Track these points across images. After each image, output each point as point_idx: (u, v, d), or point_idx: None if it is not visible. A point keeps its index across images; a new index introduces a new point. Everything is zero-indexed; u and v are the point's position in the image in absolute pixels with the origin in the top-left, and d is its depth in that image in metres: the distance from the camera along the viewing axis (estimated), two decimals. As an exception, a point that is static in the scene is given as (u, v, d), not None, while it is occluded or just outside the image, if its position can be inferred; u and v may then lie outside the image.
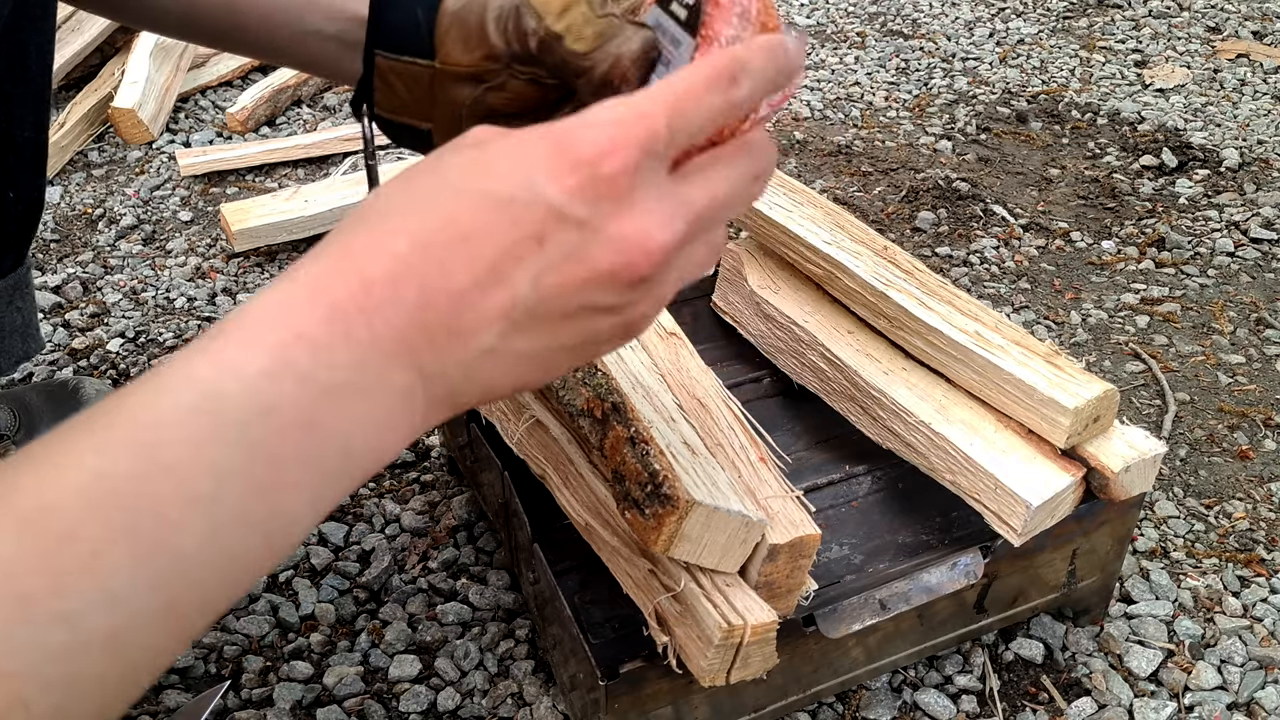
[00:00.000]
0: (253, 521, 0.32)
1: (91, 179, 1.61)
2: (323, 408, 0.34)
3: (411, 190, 0.39)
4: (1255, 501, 1.06)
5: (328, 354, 0.34)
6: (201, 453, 0.31)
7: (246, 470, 0.32)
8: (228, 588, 0.33)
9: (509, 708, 0.84)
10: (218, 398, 0.32)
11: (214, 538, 0.31)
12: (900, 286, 0.86)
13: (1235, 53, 2.05)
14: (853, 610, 0.75)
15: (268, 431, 0.33)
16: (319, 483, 0.34)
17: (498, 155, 0.38)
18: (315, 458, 0.34)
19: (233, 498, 0.32)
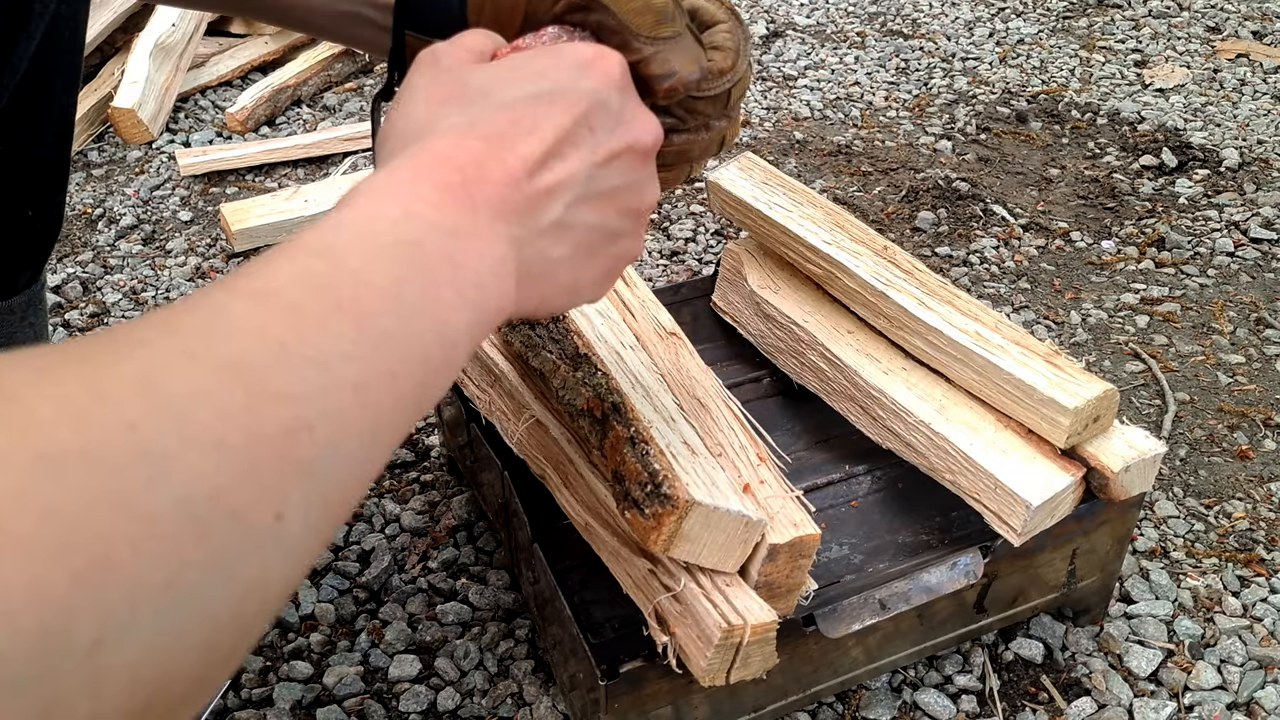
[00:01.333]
0: (427, 324, 0.38)
1: (91, 179, 1.61)
2: (454, 247, 0.40)
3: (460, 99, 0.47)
4: (1255, 501, 1.06)
5: (445, 212, 0.41)
6: (377, 262, 0.37)
7: (412, 278, 0.38)
8: (422, 383, 0.38)
9: (509, 708, 0.84)
10: (371, 232, 0.38)
11: (404, 325, 0.37)
12: (900, 286, 0.86)
13: (1235, 53, 2.05)
14: (853, 610, 0.75)
15: (418, 255, 0.39)
16: (468, 308, 0.40)
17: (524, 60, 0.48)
18: (458, 282, 0.40)
19: (408, 297, 0.38)
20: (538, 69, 0.48)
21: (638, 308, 0.84)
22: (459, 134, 0.44)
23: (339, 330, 0.35)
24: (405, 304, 0.38)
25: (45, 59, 0.70)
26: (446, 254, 0.40)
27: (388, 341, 0.36)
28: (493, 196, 0.43)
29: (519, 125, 0.45)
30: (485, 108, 0.46)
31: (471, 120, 0.45)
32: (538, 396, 0.81)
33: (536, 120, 0.45)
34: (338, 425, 0.34)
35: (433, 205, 0.41)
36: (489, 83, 0.48)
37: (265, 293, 0.34)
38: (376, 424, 0.36)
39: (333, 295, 0.35)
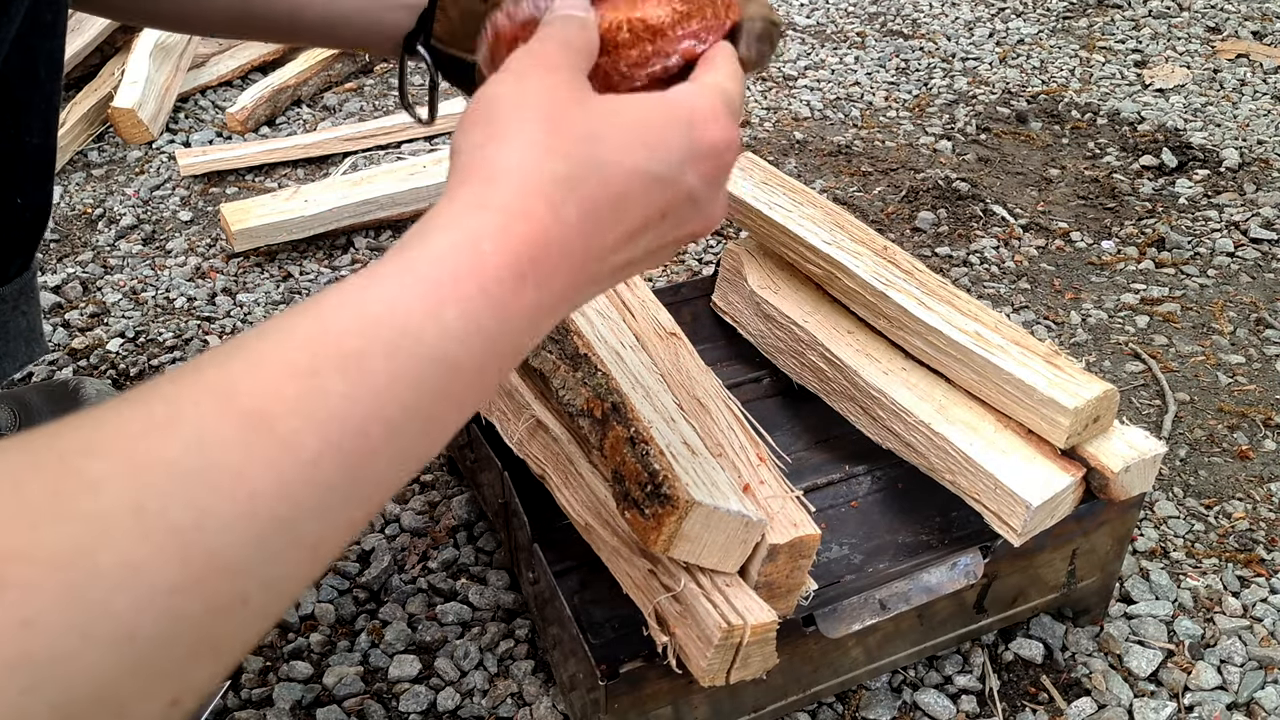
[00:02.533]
0: (415, 450, 0.36)
1: (91, 179, 1.61)
2: (492, 361, 0.38)
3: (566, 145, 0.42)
4: (1255, 501, 1.06)
5: (507, 316, 0.38)
6: (401, 387, 0.34)
7: (427, 408, 0.35)
8: (384, 502, 0.35)
9: (509, 708, 0.84)
10: (418, 340, 0.35)
11: (391, 462, 0.34)
12: (900, 286, 0.86)
13: (1235, 53, 2.05)
14: (853, 610, 0.75)
15: (450, 378, 0.36)
16: (463, 418, 0.38)
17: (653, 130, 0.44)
18: (466, 400, 0.38)
19: (411, 429, 0.35)
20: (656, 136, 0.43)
21: (638, 308, 0.84)
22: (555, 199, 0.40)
23: (326, 480, 0.31)
24: (405, 437, 0.35)
25: (28, 44, 0.70)
26: (479, 368, 0.37)
27: (368, 489, 0.34)
28: (561, 286, 0.40)
29: (618, 206, 0.42)
30: (588, 172, 0.41)
31: (571, 183, 0.40)
32: (538, 396, 0.81)
33: (633, 204, 0.42)
34: (277, 592, 0.31)
35: (497, 307, 0.37)
36: (597, 133, 0.42)
37: (262, 418, 0.31)
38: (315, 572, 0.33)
39: (337, 429, 0.32)
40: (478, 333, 0.36)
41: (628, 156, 0.42)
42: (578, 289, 0.42)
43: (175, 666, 0.28)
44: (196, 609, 0.28)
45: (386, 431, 0.33)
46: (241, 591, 0.29)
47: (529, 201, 0.39)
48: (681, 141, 0.44)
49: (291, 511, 0.30)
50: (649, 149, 0.43)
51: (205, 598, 0.28)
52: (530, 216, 0.39)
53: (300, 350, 0.33)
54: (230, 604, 0.29)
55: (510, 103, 0.43)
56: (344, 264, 1.42)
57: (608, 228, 0.42)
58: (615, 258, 0.43)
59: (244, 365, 0.32)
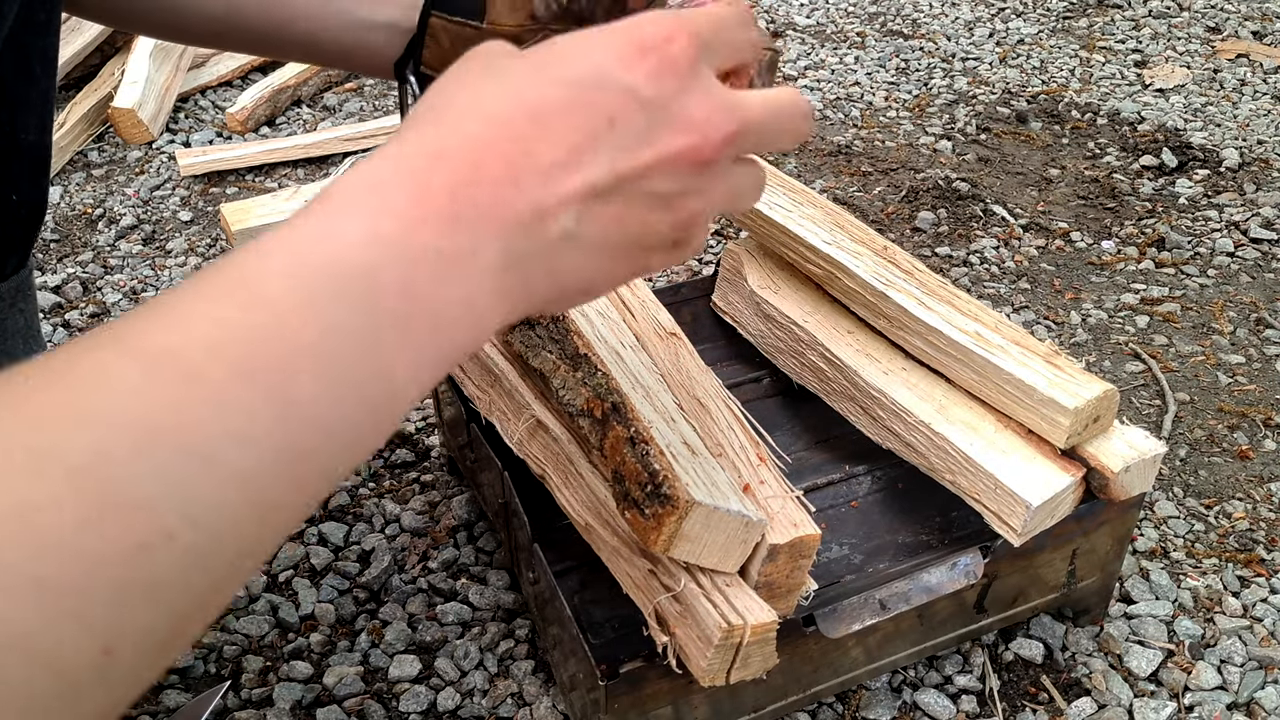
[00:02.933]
0: (359, 380, 0.34)
1: (91, 179, 1.61)
2: (415, 274, 0.35)
3: (474, 86, 0.40)
4: (1255, 501, 1.06)
5: (417, 227, 0.35)
6: (310, 307, 0.32)
7: (350, 326, 0.33)
8: (342, 450, 0.34)
9: (509, 708, 0.84)
10: (321, 258, 0.34)
11: (328, 390, 0.32)
12: (900, 286, 0.86)
13: (1235, 53, 2.05)
14: (853, 610, 0.75)
15: (366, 292, 0.34)
16: (416, 351, 0.35)
17: (566, 47, 0.40)
18: (412, 324, 0.35)
19: (341, 352, 0.33)
20: (579, 52, 0.40)
21: (638, 308, 0.84)
22: (463, 118, 0.38)
23: (240, 404, 0.30)
24: (336, 360, 0.33)
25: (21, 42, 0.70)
26: (403, 286, 0.35)
27: (301, 412, 0.32)
28: (484, 203, 0.37)
29: (537, 120, 0.38)
30: (504, 92, 0.39)
31: (482, 104, 0.39)
32: (538, 396, 0.81)
33: (556, 116, 0.38)
34: (209, 528, 0.29)
35: (403, 218, 0.35)
36: (522, 66, 0.40)
37: (163, 354, 0.30)
38: (264, 514, 0.31)
39: (244, 355, 0.31)
40: (386, 246, 0.34)
41: (544, 70, 0.39)
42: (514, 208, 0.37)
43: (100, 611, 0.27)
44: (110, 547, 0.27)
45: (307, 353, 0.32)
46: (161, 526, 0.28)
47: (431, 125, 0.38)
48: (600, 46, 0.40)
49: (203, 442, 0.29)
50: (565, 58, 0.40)
51: (119, 534, 0.27)
52: (429, 136, 0.38)
53: (204, 291, 0.32)
54: (151, 539, 0.28)
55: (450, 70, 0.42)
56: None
57: (531, 139, 0.38)
58: (565, 177, 0.38)
59: (148, 315, 0.32)
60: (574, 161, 0.38)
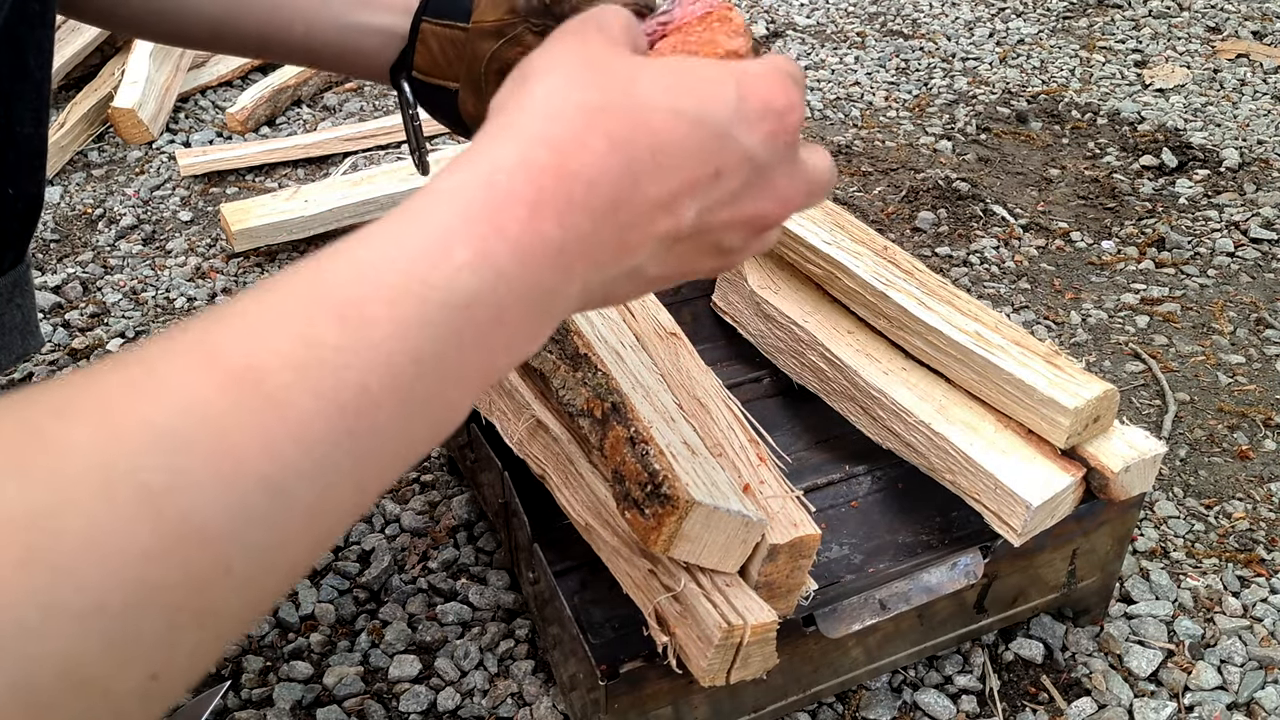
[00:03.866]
0: (434, 408, 0.33)
1: (91, 179, 1.61)
2: (512, 307, 0.34)
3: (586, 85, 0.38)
4: (1255, 501, 1.06)
5: (526, 255, 0.34)
6: (407, 335, 0.31)
7: (441, 357, 0.32)
8: (397, 470, 0.33)
9: (509, 708, 0.84)
10: (424, 283, 0.32)
11: (403, 419, 0.32)
12: (900, 286, 0.86)
13: (1235, 53, 2.05)
14: (853, 610, 0.75)
15: (464, 323, 0.33)
16: (485, 375, 0.35)
17: (696, 78, 0.39)
18: (492, 351, 0.34)
19: (425, 382, 0.32)
20: (709, 89, 0.39)
21: (638, 308, 0.84)
22: (582, 127, 0.36)
23: (322, 440, 0.29)
24: (418, 390, 0.32)
25: (16, 33, 0.70)
26: (496, 316, 0.34)
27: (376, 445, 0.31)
28: (586, 233, 0.36)
29: (656, 154, 0.37)
30: (626, 108, 0.37)
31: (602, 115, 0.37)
32: (538, 396, 0.81)
33: (676, 153, 0.38)
34: (266, 560, 0.29)
35: (513, 244, 0.34)
36: (636, 75, 0.39)
37: (249, 373, 0.29)
38: (319, 541, 0.31)
39: (333, 384, 0.30)
40: (494, 274, 0.33)
41: (668, 98, 0.38)
42: (607, 244, 0.37)
43: (152, 638, 0.26)
44: (173, 577, 0.26)
45: (392, 384, 0.31)
46: (223, 559, 0.27)
47: (551, 126, 0.36)
48: (729, 95, 0.39)
49: (280, 473, 0.28)
50: (694, 94, 0.38)
51: (182, 565, 0.26)
52: (551, 142, 0.35)
53: (293, 303, 0.31)
54: (211, 572, 0.27)
55: (543, 57, 0.40)
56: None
57: (644, 173, 0.37)
58: (658, 220, 0.38)
59: (232, 322, 0.30)
60: (672, 205, 0.38)
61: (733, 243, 0.42)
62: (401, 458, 0.33)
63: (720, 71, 0.40)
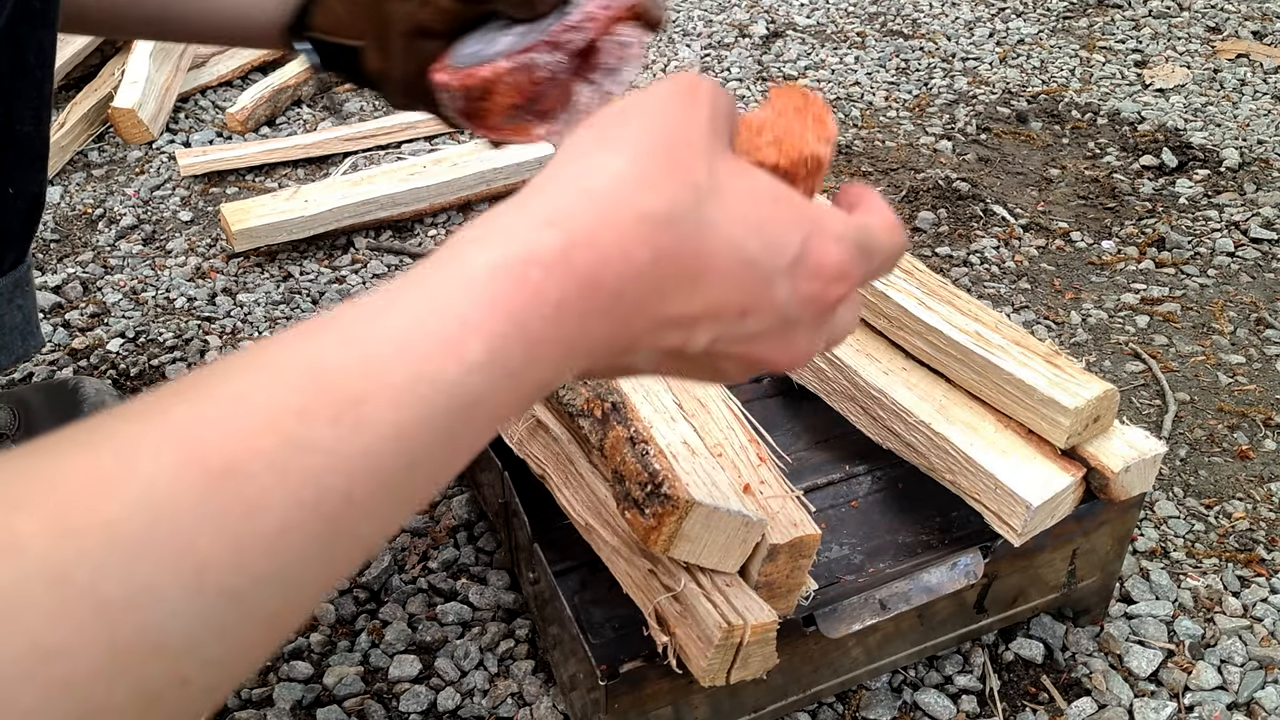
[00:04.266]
0: (413, 503, 0.32)
1: (91, 179, 1.61)
2: (510, 403, 0.33)
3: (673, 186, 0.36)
4: (1255, 501, 1.06)
5: (538, 353, 0.33)
6: (403, 438, 0.30)
7: (433, 459, 0.31)
8: (362, 560, 0.31)
9: (509, 708, 0.84)
10: (432, 385, 0.30)
11: (382, 518, 0.30)
12: (900, 286, 0.86)
13: (1235, 53, 2.05)
14: (853, 610, 0.75)
15: (464, 425, 0.32)
16: (464, 463, 0.34)
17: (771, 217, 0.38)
18: (476, 442, 0.33)
19: (413, 485, 0.31)
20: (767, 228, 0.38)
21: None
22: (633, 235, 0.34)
23: (293, 545, 0.27)
24: (404, 490, 0.30)
25: (18, 33, 0.70)
26: (493, 415, 0.32)
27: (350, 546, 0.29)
28: (599, 335, 0.35)
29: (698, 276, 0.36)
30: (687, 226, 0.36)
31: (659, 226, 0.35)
32: (538, 396, 0.81)
33: (715, 282, 0.37)
34: (224, 667, 0.27)
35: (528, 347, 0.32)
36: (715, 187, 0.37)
37: (229, 476, 0.27)
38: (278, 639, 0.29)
39: (315, 491, 0.28)
40: (503, 372, 0.32)
41: (733, 229, 0.37)
42: (614, 345, 0.36)
43: None
44: (122, 696, 0.24)
45: (378, 490, 0.29)
46: (180, 673, 0.26)
47: (602, 232, 0.34)
48: (793, 246, 0.38)
49: (247, 585, 0.26)
50: (758, 231, 0.37)
51: (135, 683, 0.25)
52: (597, 247, 0.34)
53: (288, 394, 0.29)
54: (165, 687, 0.25)
55: (639, 119, 0.38)
56: (344, 264, 1.42)
57: (674, 292, 0.36)
58: (668, 335, 0.37)
59: (221, 406, 0.28)
60: (689, 326, 0.37)
61: (729, 370, 0.41)
62: (370, 551, 0.31)
63: (797, 218, 0.39)
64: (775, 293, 0.38)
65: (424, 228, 1.49)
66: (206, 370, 0.30)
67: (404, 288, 0.32)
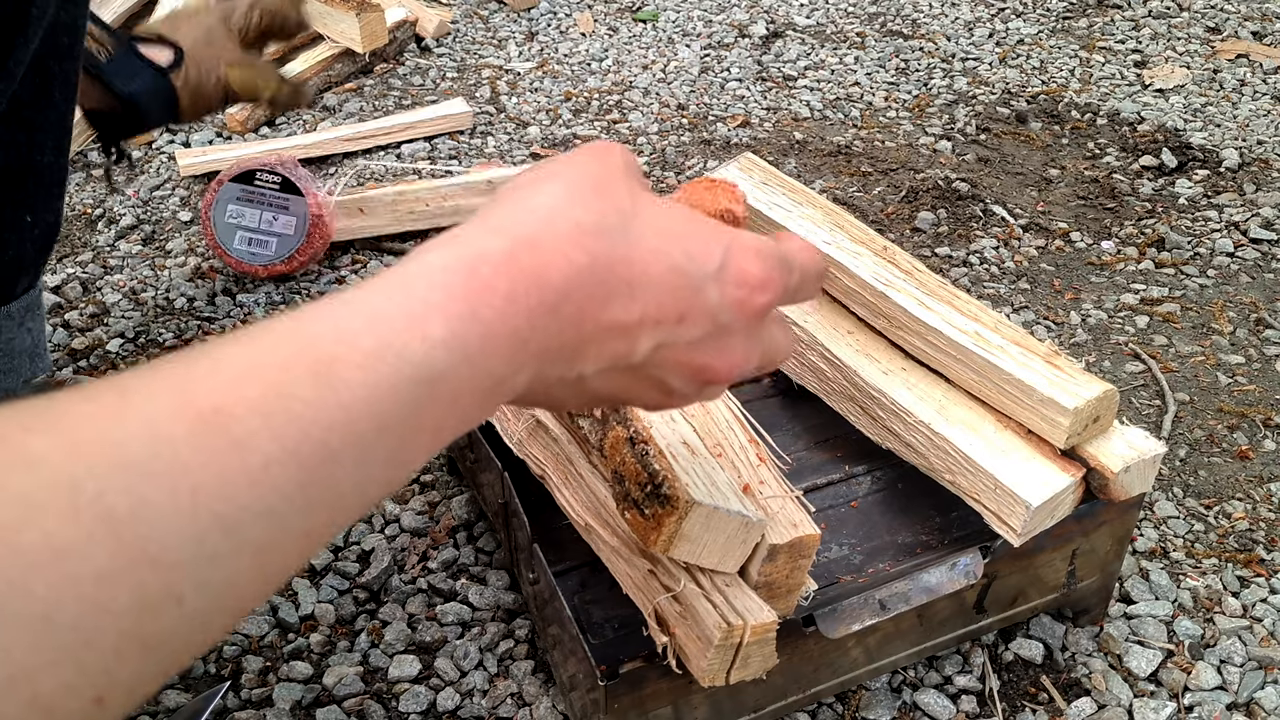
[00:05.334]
0: (385, 468, 0.35)
1: (91, 179, 1.61)
2: (468, 389, 0.37)
3: (601, 205, 0.42)
4: (1255, 501, 1.06)
5: (493, 343, 0.37)
6: (374, 399, 0.33)
7: (403, 424, 0.34)
8: (343, 521, 0.35)
9: (509, 708, 0.84)
10: (399, 355, 0.34)
11: (356, 477, 0.33)
12: (900, 286, 0.86)
13: (1235, 53, 2.05)
14: (853, 610, 0.75)
15: (427, 397, 0.35)
16: (432, 446, 0.37)
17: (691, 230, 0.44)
18: (442, 424, 0.37)
19: (382, 446, 0.34)
20: (689, 242, 0.43)
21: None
22: (573, 240, 0.40)
23: (277, 483, 0.31)
24: (378, 451, 0.34)
25: (44, 65, 0.70)
26: (454, 395, 0.36)
27: (331, 496, 0.33)
28: (547, 332, 0.38)
29: (633, 283, 0.41)
30: (616, 236, 0.41)
31: (599, 233, 0.40)
32: (538, 397, 0.81)
33: (649, 288, 0.41)
34: (215, 594, 0.30)
35: (485, 332, 0.36)
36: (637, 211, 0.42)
37: (217, 416, 0.30)
38: (268, 578, 0.32)
39: (296, 435, 0.31)
40: (461, 355, 0.36)
41: (658, 240, 0.42)
42: (563, 349, 0.40)
43: (98, 660, 0.27)
44: (123, 601, 0.27)
45: (352, 445, 0.33)
46: (174, 589, 0.28)
47: (542, 233, 0.39)
48: (715, 256, 0.43)
49: (235, 513, 0.30)
50: (681, 244, 0.43)
51: (134, 590, 0.27)
52: (539, 249, 0.39)
53: (271, 354, 0.32)
54: (162, 600, 0.28)
55: (567, 166, 0.43)
56: (344, 264, 1.42)
57: (614, 297, 0.40)
58: (615, 341, 0.41)
59: (209, 365, 0.32)
60: (632, 332, 0.41)
61: (676, 385, 0.45)
62: (348, 511, 0.34)
63: (716, 234, 0.44)
64: (706, 298, 0.43)
65: (424, 228, 1.49)
66: (197, 347, 0.34)
67: (373, 281, 0.37)
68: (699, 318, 0.43)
